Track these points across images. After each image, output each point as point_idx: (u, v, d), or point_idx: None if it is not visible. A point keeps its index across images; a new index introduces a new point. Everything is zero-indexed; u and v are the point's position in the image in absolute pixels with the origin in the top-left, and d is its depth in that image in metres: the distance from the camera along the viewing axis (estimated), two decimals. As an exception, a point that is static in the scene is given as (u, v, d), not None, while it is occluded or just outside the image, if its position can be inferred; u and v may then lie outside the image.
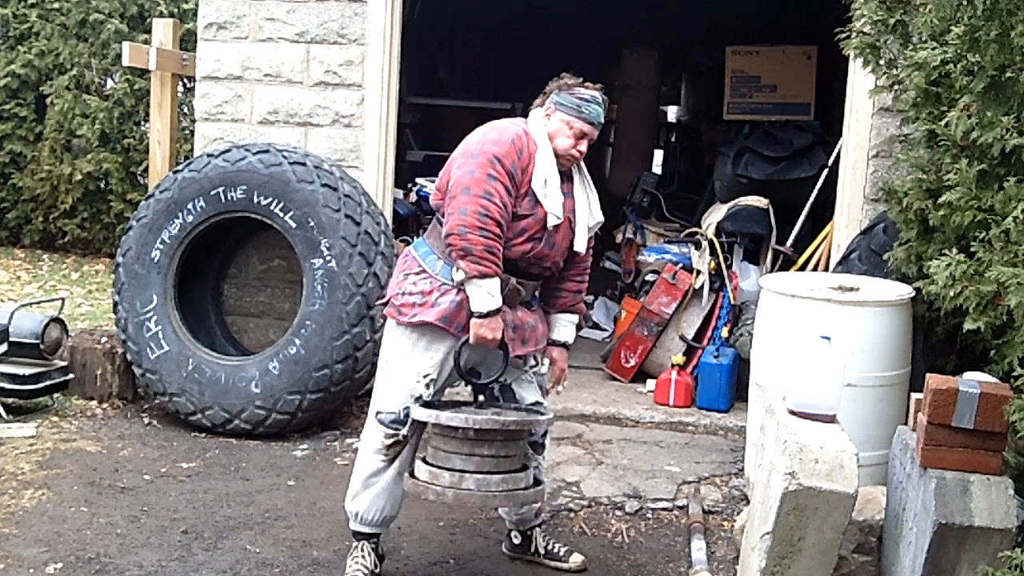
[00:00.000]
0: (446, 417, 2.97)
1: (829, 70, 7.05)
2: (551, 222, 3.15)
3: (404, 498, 3.28)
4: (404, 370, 3.18)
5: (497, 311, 3.07)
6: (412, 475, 3.10)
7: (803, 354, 3.02)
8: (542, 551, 3.51)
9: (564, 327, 3.43)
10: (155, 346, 4.86)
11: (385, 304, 3.29)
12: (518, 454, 3.10)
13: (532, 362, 3.33)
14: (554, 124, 3.20)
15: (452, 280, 3.11)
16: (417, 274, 3.20)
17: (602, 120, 3.24)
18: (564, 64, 3.68)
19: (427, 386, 3.15)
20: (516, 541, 3.53)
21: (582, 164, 3.33)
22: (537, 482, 3.14)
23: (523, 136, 3.14)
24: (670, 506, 4.07)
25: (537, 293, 3.34)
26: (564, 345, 3.44)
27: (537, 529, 3.53)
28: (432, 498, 3.03)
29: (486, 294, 3.04)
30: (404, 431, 3.15)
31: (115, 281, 5.04)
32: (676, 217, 7.14)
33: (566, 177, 3.26)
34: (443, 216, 3.11)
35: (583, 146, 3.22)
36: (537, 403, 3.31)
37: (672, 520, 3.97)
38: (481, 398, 3.18)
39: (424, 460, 3.09)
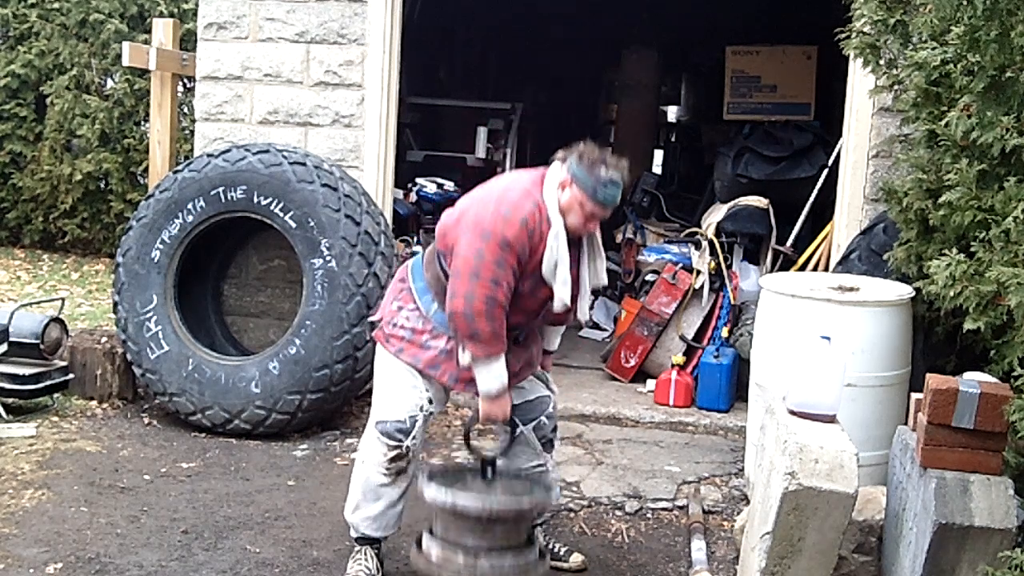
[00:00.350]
0: (461, 502, 2.92)
1: (829, 70, 7.06)
2: (557, 307, 3.09)
3: (407, 506, 3.28)
4: (402, 384, 3.19)
5: (504, 390, 3.07)
6: (419, 547, 3.03)
7: (803, 354, 3.03)
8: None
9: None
10: (155, 346, 4.86)
11: (375, 323, 3.29)
12: (526, 530, 3.09)
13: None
14: (567, 197, 3.06)
15: (443, 326, 3.11)
16: (412, 310, 3.18)
17: (617, 202, 3.12)
18: (564, 64, 3.66)
19: (428, 402, 3.19)
20: (516, 541, 3.53)
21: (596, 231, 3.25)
22: (542, 555, 3.11)
23: (536, 215, 3.02)
24: (670, 506, 4.07)
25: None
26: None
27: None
28: None
29: (494, 376, 3.04)
30: (407, 442, 3.14)
31: (115, 281, 5.04)
32: (676, 217, 7.15)
33: (574, 242, 3.15)
34: (447, 266, 3.06)
35: (593, 225, 3.13)
36: (543, 398, 3.35)
37: (672, 520, 3.97)
38: (489, 473, 3.12)
39: (431, 532, 3.03)
